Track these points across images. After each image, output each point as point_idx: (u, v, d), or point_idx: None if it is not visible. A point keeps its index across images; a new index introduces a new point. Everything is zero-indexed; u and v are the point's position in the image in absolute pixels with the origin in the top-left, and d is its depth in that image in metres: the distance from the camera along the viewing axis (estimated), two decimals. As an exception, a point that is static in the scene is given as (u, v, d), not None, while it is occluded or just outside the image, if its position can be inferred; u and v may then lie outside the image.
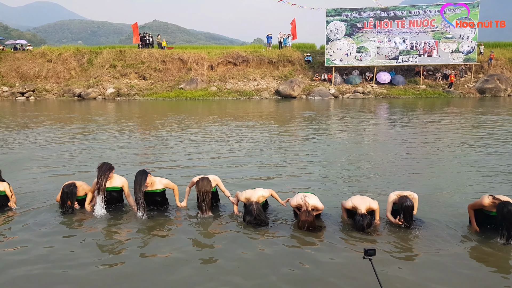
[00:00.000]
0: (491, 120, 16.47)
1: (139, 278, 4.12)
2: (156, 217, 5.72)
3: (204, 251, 4.70)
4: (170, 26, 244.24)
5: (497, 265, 4.34)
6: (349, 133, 14.18)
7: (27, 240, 4.98)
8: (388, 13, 32.86)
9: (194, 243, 4.92)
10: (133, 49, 35.90)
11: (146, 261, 4.46)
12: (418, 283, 3.96)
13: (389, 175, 8.00)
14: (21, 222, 5.55)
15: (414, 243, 4.87)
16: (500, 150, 10.25)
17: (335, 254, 4.56)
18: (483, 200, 4.96)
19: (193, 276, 4.12)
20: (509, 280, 4.04)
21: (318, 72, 34.45)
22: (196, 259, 4.49)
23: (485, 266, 4.33)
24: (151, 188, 5.80)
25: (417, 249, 4.72)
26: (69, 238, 5.06)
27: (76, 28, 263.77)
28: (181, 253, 4.64)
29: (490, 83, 31.28)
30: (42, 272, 4.23)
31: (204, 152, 10.35)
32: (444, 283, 3.95)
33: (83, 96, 31.50)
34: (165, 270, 4.25)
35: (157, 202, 5.95)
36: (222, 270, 4.24)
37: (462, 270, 4.21)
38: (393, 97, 30.82)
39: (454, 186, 7.14)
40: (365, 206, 5.19)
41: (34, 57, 35.13)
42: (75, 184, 5.96)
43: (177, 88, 32.60)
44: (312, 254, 4.58)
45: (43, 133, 14.06)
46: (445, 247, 4.71)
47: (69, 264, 4.37)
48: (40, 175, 8.18)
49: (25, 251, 4.70)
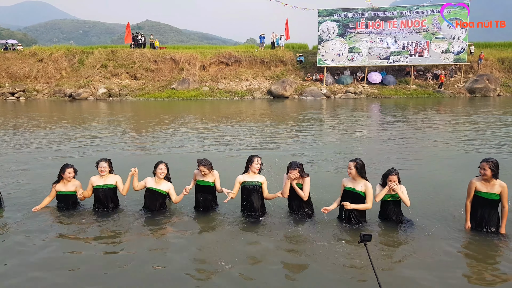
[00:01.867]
0: (485, 119, 16.67)
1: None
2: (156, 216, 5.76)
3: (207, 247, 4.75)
4: (163, 26, 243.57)
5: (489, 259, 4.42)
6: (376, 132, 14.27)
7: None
8: (380, 14, 33.07)
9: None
10: (125, 49, 35.73)
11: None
12: (409, 278, 4.03)
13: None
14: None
15: (406, 239, 4.95)
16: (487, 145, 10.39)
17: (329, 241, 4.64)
18: (471, 183, 5.08)
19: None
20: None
21: (310, 72, 34.56)
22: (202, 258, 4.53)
23: (477, 262, 4.41)
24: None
25: (411, 245, 4.80)
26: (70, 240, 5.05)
27: (67, 28, 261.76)
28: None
29: (480, 83, 31.61)
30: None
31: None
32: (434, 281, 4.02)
33: (74, 96, 31.28)
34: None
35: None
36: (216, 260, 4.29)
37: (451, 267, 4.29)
38: (384, 97, 31.01)
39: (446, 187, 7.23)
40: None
41: (25, 57, 34.81)
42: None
43: (169, 88, 32.51)
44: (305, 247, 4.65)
45: (61, 133, 13.96)
46: (433, 244, 4.80)
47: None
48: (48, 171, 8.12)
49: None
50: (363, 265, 4.26)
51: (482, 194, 5.01)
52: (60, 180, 6.06)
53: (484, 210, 5.05)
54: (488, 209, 5.04)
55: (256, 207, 5.73)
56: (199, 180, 5.94)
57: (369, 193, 5.32)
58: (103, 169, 5.96)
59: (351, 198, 5.34)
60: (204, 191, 5.97)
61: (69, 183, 6.04)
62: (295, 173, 5.50)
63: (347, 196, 5.39)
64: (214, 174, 5.97)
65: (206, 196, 5.99)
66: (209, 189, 5.98)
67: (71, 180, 6.06)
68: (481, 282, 4.05)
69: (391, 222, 5.40)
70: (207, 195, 5.99)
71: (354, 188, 5.36)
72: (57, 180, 6.09)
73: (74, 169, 6.08)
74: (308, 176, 5.64)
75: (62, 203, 6.08)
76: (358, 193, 5.33)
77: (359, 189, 5.34)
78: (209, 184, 5.92)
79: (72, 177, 6.06)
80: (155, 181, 5.91)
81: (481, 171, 4.95)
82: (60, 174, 6.05)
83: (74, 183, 6.07)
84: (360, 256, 4.46)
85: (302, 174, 5.58)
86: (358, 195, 5.34)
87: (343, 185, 5.49)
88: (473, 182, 5.09)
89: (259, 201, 5.77)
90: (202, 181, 5.93)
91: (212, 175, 5.93)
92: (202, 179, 5.92)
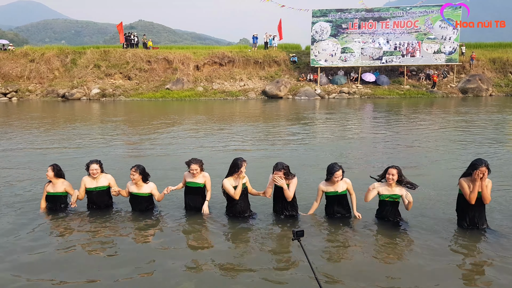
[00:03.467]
0: (477, 119, 16.86)
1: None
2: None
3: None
4: (156, 26, 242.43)
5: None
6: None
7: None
8: (373, 14, 33.25)
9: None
10: (118, 49, 35.56)
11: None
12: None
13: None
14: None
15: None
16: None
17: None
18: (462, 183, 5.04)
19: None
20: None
21: (304, 72, 34.65)
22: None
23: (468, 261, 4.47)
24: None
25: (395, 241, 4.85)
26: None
27: (59, 28, 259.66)
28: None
29: (472, 83, 31.91)
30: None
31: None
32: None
33: (67, 96, 31.07)
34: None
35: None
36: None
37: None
38: (378, 97, 31.19)
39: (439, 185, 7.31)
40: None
41: (16, 57, 34.47)
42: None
43: (163, 88, 32.41)
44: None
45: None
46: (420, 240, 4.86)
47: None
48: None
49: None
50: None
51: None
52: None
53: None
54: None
55: (244, 208, 5.73)
56: (189, 182, 5.81)
57: (351, 186, 5.56)
58: (95, 171, 5.87)
59: (337, 201, 5.53)
60: (193, 192, 5.85)
61: (57, 184, 5.95)
62: (280, 174, 5.44)
63: (332, 200, 5.55)
64: (205, 176, 5.86)
65: (195, 198, 5.87)
66: (198, 191, 5.86)
67: (59, 180, 5.96)
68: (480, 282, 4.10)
69: (388, 223, 5.40)
70: (197, 196, 5.87)
71: (336, 191, 5.49)
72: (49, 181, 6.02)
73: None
74: (295, 177, 5.58)
75: (51, 204, 6.02)
76: (342, 194, 5.52)
77: (341, 190, 5.50)
78: (199, 185, 5.81)
79: (53, 177, 5.92)
80: (135, 185, 5.82)
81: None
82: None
83: (63, 183, 6.00)
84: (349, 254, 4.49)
85: (288, 175, 5.52)
86: (343, 195, 5.54)
87: (322, 191, 5.57)
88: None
89: (246, 202, 5.77)
90: (192, 182, 5.80)
91: (202, 176, 5.83)
92: (192, 180, 5.79)
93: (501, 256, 4.49)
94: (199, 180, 5.81)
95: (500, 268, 4.26)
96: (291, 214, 5.66)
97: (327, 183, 5.52)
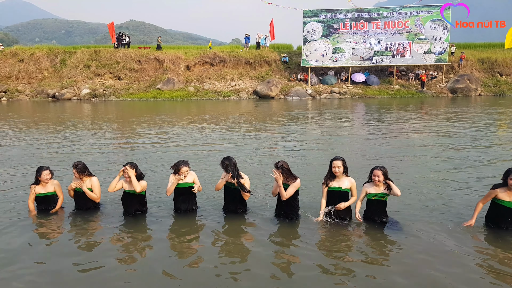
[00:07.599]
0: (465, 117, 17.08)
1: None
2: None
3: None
4: (147, 25, 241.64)
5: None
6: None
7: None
8: (364, 15, 33.47)
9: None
10: (108, 49, 35.36)
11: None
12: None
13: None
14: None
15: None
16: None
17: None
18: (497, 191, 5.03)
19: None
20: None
21: (295, 72, 34.77)
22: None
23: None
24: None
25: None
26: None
27: (50, 28, 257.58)
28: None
29: (461, 83, 32.27)
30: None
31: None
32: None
33: (58, 97, 30.82)
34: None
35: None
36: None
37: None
38: (369, 97, 31.38)
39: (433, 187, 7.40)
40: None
41: (5, 57, 34.12)
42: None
43: (154, 88, 32.29)
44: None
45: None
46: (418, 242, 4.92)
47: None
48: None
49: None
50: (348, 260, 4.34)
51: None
52: (39, 183, 5.94)
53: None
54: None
55: (239, 206, 5.82)
56: (179, 184, 5.73)
57: (355, 188, 5.46)
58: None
59: (338, 197, 5.41)
60: (185, 193, 5.80)
61: (47, 184, 5.96)
62: (276, 171, 5.42)
63: (333, 195, 5.45)
64: (192, 174, 5.86)
65: (188, 198, 5.85)
66: (189, 190, 5.80)
67: (49, 181, 5.96)
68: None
69: (375, 223, 5.37)
70: (189, 196, 5.85)
71: (340, 187, 5.43)
72: (35, 182, 5.97)
73: (50, 171, 5.97)
74: (296, 180, 5.49)
75: (43, 205, 5.99)
76: (345, 191, 5.41)
77: (345, 187, 5.42)
78: (190, 184, 5.77)
79: (49, 179, 5.94)
80: (128, 183, 5.80)
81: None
82: (36, 177, 5.93)
83: (53, 183, 6.01)
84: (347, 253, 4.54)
85: (288, 176, 5.49)
86: (345, 193, 5.43)
87: (327, 186, 5.51)
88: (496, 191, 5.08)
89: (241, 199, 5.80)
90: (183, 183, 5.75)
91: (191, 175, 5.82)
92: (182, 181, 5.73)
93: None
94: (188, 180, 5.79)
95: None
96: (290, 215, 5.57)
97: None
